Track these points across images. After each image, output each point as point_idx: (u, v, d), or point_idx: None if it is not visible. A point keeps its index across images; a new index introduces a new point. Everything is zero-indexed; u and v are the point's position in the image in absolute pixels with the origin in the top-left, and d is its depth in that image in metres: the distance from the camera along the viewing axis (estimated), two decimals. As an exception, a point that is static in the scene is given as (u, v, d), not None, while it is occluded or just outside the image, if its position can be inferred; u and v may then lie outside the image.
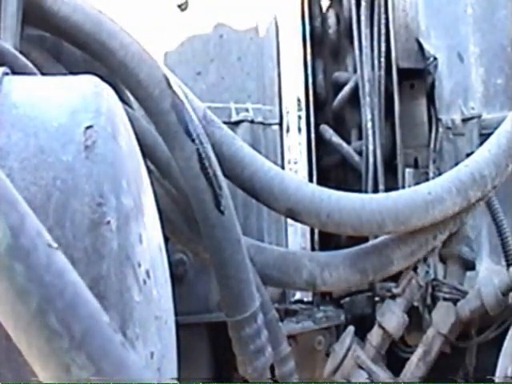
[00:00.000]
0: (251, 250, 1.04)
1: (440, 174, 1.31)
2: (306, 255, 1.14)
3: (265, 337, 1.00)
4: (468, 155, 1.32)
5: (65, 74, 1.02)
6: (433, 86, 1.56)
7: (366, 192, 1.51)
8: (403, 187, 1.49)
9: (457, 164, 1.27)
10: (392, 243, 1.23)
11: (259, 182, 1.08)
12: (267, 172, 1.09)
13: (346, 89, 1.57)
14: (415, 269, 1.36)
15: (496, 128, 1.25)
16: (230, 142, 1.10)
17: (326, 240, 1.43)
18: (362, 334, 1.46)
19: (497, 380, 1.24)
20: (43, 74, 0.85)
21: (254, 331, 0.98)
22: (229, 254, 0.94)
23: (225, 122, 1.23)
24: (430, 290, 1.45)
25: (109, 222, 0.59)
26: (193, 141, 0.92)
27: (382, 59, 1.52)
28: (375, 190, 1.51)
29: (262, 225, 1.38)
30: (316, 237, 1.42)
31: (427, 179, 1.46)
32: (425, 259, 1.36)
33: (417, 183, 1.43)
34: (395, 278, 1.36)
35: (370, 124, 1.54)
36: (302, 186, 1.10)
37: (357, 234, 1.12)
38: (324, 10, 1.61)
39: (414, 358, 1.42)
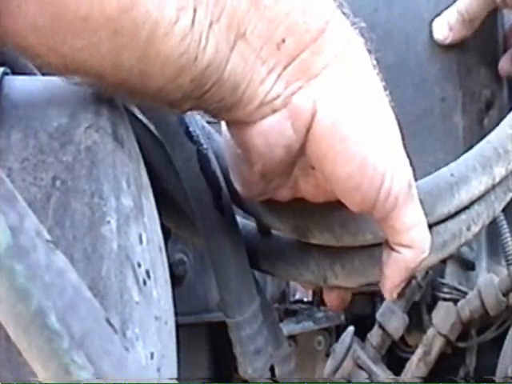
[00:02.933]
0: (256, 237, 1.00)
1: None
2: (315, 244, 1.01)
3: (265, 337, 0.99)
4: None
5: (65, 75, 1.01)
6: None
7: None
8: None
9: None
10: None
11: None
12: None
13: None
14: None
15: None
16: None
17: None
18: (362, 334, 1.46)
19: (497, 380, 1.25)
20: (43, 74, 0.85)
21: (254, 332, 0.97)
22: (229, 255, 0.94)
23: (225, 122, 1.22)
24: (430, 290, 1.45)
25: (109, 223, 0.59)
26: (193, 141, 0.92)
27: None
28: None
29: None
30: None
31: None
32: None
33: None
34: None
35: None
36: None
37: (377, 240, 0.94)
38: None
39: (415, 358, 1.42)
